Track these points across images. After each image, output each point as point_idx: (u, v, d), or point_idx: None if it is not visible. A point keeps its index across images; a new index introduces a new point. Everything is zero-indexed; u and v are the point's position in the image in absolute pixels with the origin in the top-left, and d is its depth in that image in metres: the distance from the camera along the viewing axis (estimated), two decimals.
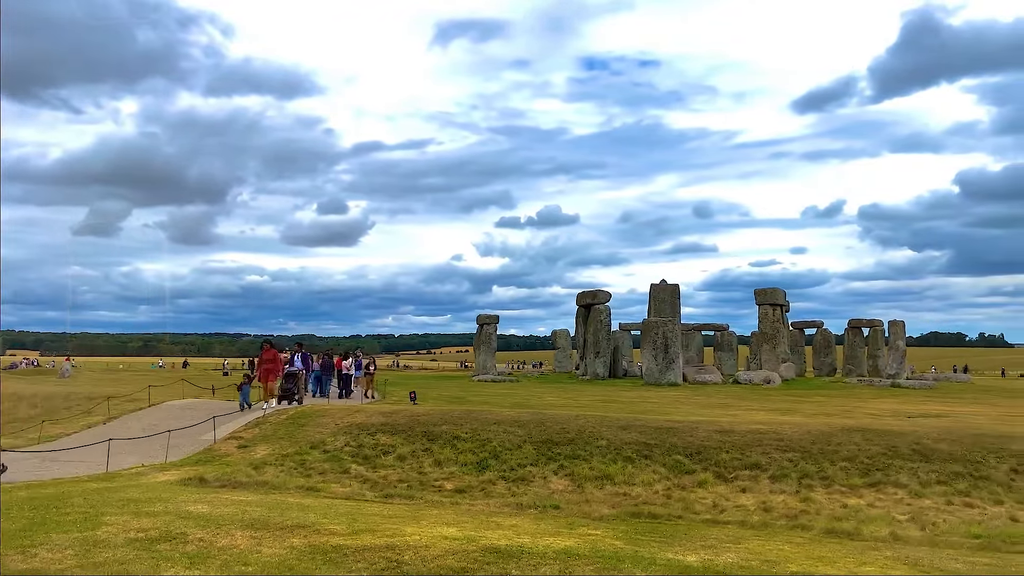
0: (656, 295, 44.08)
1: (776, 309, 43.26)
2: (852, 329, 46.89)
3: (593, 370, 44.88)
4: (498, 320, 46.54)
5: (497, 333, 48.77)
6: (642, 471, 13.34)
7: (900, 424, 16.49)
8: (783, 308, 44.74)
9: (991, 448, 13.87)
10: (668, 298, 43.96)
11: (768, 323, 43.00)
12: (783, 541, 8.71)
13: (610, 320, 45.07)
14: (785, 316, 46.48)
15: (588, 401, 26.17)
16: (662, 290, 44.08)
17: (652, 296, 44.20)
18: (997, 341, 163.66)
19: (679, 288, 44.28)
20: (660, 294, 44.02)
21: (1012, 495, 12.25)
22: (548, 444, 14.51)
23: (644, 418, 16.48)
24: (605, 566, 7.13)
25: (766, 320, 43.07)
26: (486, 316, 46.45)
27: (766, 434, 14.92)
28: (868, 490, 12.57)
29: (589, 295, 45.50)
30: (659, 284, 44.24)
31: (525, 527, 8.84)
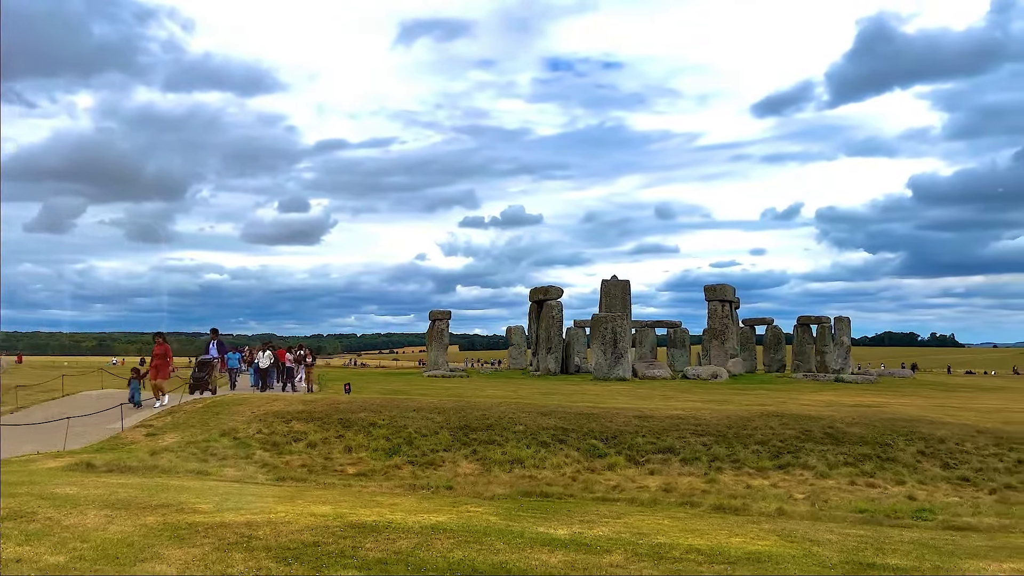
0: (607, 291, 44.17)
1: (725, 305, 43.60)
2: (801, 326, 47.45)
3: (545, 366, 44.81)
4: (450, 316, 46.25)
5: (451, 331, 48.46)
6: (555, 455, 13.23)
7: (817, 409, 16.63)
8: (732, 304, 45.10)
9: (901, 432, 14.03)
10: (619, 294, 44.06)
11: (717, 319, 43.32)
12: (666, 516, 8.65)
13: (562, 316, 45.00)
14: (735, 313, 46.87)
15: (527, 394, 26.03)
16: (613, 286, 44.18)
17: (603, 292, 44.29)
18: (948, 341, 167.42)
19: (630, 284, 44.42)
20: (611, 290, 44.12)
21: (915, 475, 12.39)
22: (465, 430, 14.34)
23: (566, 405, 16.41)
24: (466, 538, 6.98)
25: (715, 316, 43.38)
26: (438, 312, 46.13)
27: (685, 420, 14.92)
28: (776, 472, 12.61)
29: (541, 291, 45.42)
30: (610, 280, 44.34)
31: (405, 505, 8.66)
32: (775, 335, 49.86)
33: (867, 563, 6.63)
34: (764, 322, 50.88)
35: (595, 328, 39.87)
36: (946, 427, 14.29)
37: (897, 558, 6.89)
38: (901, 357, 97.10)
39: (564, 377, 41.69)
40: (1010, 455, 12.95)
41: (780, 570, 6.30)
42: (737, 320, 48.14)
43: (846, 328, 44.16)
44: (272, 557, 6.03)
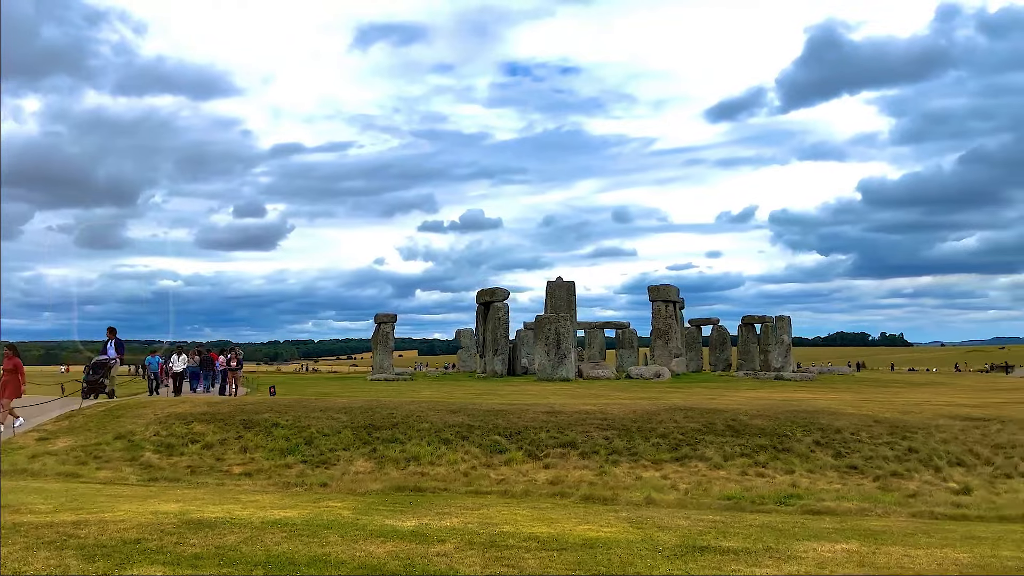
0: (552, 293, 44.24)
1: (669, 306, 43.94)
2: (745, 326, 48.03)
3: (492, 368, 44.71)
4: (395, 319, 45.89)
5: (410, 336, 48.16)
6: (455, 452, 13.12)
7: (724, 402, 16.77)
8: (676, 305, 45.47)
9: (801, 423, 14.18)
10: (564, 295, 44.16)
11: (661, 319, 43.64)
12: (528, 507, 8.61)
13: (508, 318, 44.94)
14: (680, 313, 47.28)
15: (462, 395, 25.87)
16: (558, 287, 44.27)
17: (549, 294, 44.35)
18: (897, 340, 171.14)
19: (575, 285, 44.55)
20: (556, 292, 44.19)
21: (806, 464, 12.52)
22: (369, 429, 14.17)
23: (477, 403, 16.32)
24: (303, 532, 6.85)
25: (659, 316, 43.70)
26: (383, 315, 45.77)
27: (592, 415, 14.92)
28: (672, 464, 12.66)
29: (487, 293, 45.32)
30: (555, 282, 44.42)
31: (265, 502, 8.49)
32: (720, 335, 50.42)
33: (701, 546, 6.64)
34: (710, 322, 51.43)
35: (538, 329, 39.90)
36: (846, 418, 14.50)
37: (734, 541, 6.92)
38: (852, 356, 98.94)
39: (509, 379, 41.62)
40: (902, 443, 13.18)
41: (608, 554, 6.27)
42: (682, 320, 48.55)
43: (786, 327, 44.79)
44: (79, 555, 5.83)
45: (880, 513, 9.33)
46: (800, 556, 6.34)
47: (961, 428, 13.84)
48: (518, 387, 32.37)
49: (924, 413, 15.14)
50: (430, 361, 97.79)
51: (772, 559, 6.21)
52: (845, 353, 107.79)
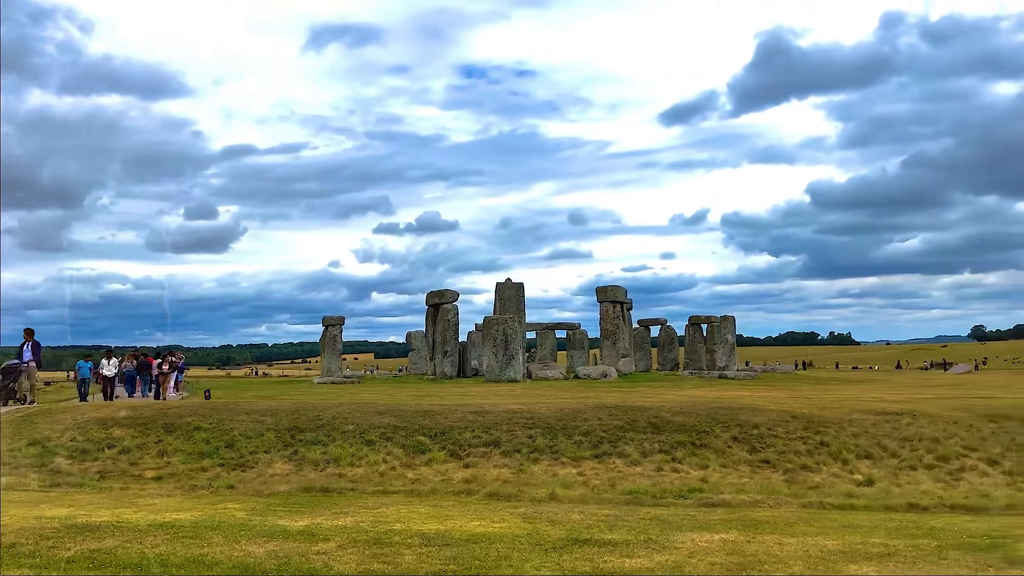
0: (501, 294, 44.34)
1: (616, 306, 44.38)
2: (692, 326, 48.71)
3: (441, 370, 44.64)
4: (343, 322, 45.50)
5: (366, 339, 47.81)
6: (377, 452, 13.12)
7: (651, 400, 17.05)
8: (624, 306, 45.96)
9: (721, 419, 14.48)
10: (513, 296, 44.30)
11: (609, 320, 44.06)
12: (428, 505, 8.69)
13: (458, 320, 44.90)
14: (628, 314, 47.78)
15: (405, 397, 25.76)
16: (507, 289, 44.39)
17: (498, 295, 44.45)
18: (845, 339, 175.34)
19: (524, 287, 44.72)
20: (505, 293, 44.31)
21: (721, 459, 12.80)
22: (293, 431, 14.09)
23: (406, 404, 16.33)
24: (187, 534, 6.83)
25: (607, 317, 44.12)
26: (331, 318, 45.37)
27: (519, 414, 15.04)
28: (591, 461, 12.84)
29: (437, 295, 45.25)
30: (504, 283, 44.55)
31: (161, 505, 8.42)
32: (668, 335, 51.04)
33: (583, 539, 6.79)
34: (658, 323, 52.03)
35: (486, 330, 39.97)
36: (765, 413, 14.85)
37: (618, 533, 7.08)
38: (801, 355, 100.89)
39: (458, 380, 41.61)
40: (815, 438, 13.55)
41: (488, 549, 6.37)
42: (630, 321, 49.05)
43: (731, 327, 45.54)
44: None
45: (772, 504, 9.62)
46: (676, 546, 6.52)
47: (873, 422, 14.29)
48: (464, 388, 32.37)
49: (841, 409, 15.57)
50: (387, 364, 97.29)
51: (646, 550, 6.37)
52: (795, 352, 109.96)
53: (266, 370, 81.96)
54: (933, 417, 14.66)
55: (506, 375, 38.88)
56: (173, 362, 26.63)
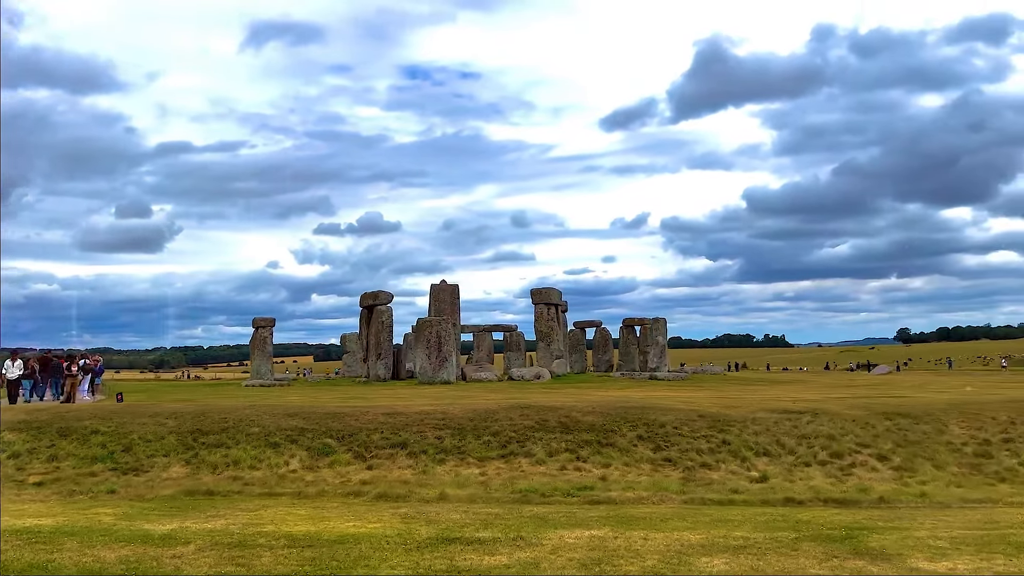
0: (436, 296, 44.16)
1: (551, 308, 44.64)
2: (626, 328, 49.33)
3: (375, 372, 44.21)
4: (274, 323, 44.62)
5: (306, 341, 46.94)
6: (280, 455, 12.91)
7: (565, 400, 17.18)
8: (559, 308, 46.26)
9: (631, 419, 14.68)
10: (448, 298, 44.16)
11: (543, 322, 44.29)
12: (311, 507, 8.60)
13: (392, 321, 44.54)
14: (563, 316, 48.11)
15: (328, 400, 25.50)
16: (442, 290, 44.24)
17: (433, 297, 44.25)
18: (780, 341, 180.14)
19: (459, 288, 44.62)
20: (440, 294, 44.14)
21: (624, 458, 12.97)
22: (196, 434, 13.76)
23: (317, 406, 16.12)
24: (42, 539, 6.61)
25: (541, 319, 44.34)
26: (261, 319, 44.49)
27: (431, 415, 14.99)
28: (497, 461, 12.87)
29: (371, 296, 44.80)
30: (439, 284, 44.39)
31: (30, 511, 8.15)
32: (603, 337, 51.54)
33: (454, 537, 6.79)
34: (594, 324, 52.50)
35: (419, 332, 39.77)
36: (673, 413, 15.11)
37: (491, 531, 7.10)
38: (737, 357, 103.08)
39: (392, 383, 41.27)
40: (718, 436, 13.84)
41: (350, 549, 6.33)
42: (565, 323, 49.39)
43: (662, 329, 46.26)
44: None
45: (656, 501, 9.80)
46: (542, 543, 6.57)
47: (775, 421, 14.67)
48: (393, 391, 32.13)
49: (748, 408, 15.95)
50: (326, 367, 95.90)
51: (511, 547, 6.41)
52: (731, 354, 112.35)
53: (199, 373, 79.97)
54: (833, 415, 15.13)
55: (439, 377, 38.73)
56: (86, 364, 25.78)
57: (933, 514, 8.42)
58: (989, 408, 15.65)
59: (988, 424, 14.56)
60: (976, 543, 6.40)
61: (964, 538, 6.63)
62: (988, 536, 6.69)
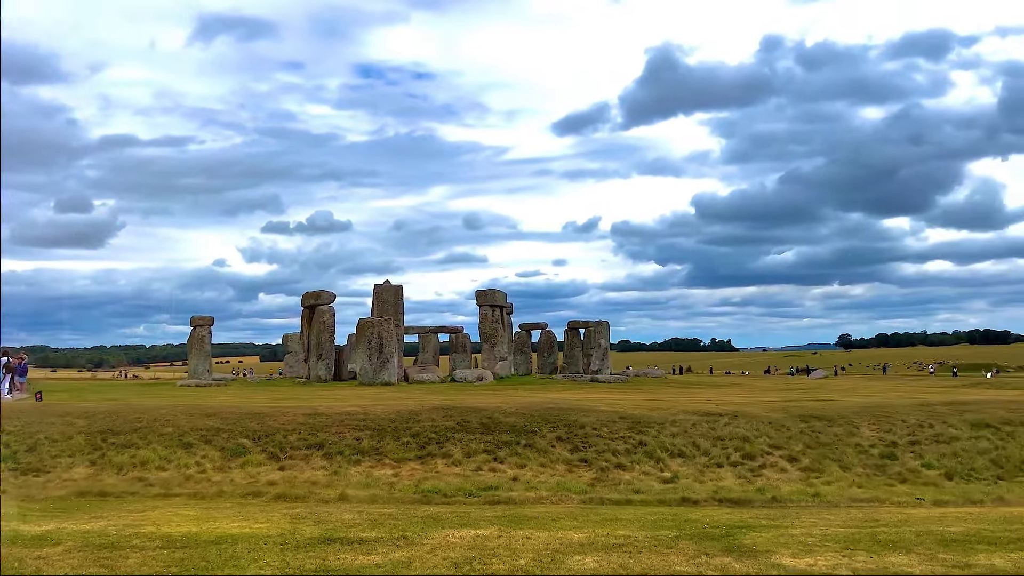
0: (379, 296, 43.84)
1: (496, 310, 44.69)
2: (571, 331, 49.66)
3: (316, 373, 43.67)
4: (212, 322, 43.90)
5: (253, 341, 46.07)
6: (192, 456, 12.67)
7: (488, 402, 17.22)
8: (504, 309, 46.34)
9: (552, 420, 14.77)
10: (391, 299, 43.87)
11: (488, 324, 44.31)
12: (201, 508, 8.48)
13: (334, 322, 44.09)
14: (508, 318, 48.20)
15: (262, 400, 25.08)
16: (385, 291, 43.94)
17: (376, 297, 43.91)
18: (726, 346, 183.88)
19: (403, 289, 44.38)
20: (383, 295, 43.84)
21: (542, 458, 13.05)
22: (106, 434, 13.42)
23: (237, 406, 15.87)
24: None
25: (486, 321, 44.35)
26: (199, 318, 43.65)
27: (353, 416, 14.87)
28: (413, 462, 12.82)
29: (312, 296, 44.25)
30: (382, 285, 44.10)
31: None
32: (548, 339, 51.80)
33: (336, 538, 6.75)
34: (539, 327, 52.74)
35: (360, 333, 39.43)
36: (595, 414, 15.25)
37: (377, 532, 7.08)
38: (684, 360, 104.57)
39: (332, 384, 40.81)
40: (635, 437, 14.02)
41: (224, 550, 6.25)
42: (510, 325, 49.50)
43: (605, 332, 46.77)
44: None
45: (556, 501, 9.89)
46: (423, 543, 6.57)
47: (694, 423, 14.92)
48: (331, 392, 31.78)
49: (670, 410, 16.19)
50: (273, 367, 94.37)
51: (389, 547, 6.39)
52: (678, 358, 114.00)
53: (139, 372, 78.00)
54: (751, 418, 15.45)
55: (380, 378, 38.44)
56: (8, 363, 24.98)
57: (819, 513, 8.66)
58: (901, 411, 16.16)
59: (897, 427, 15.03)
60: (845, 540, 6.60)
61: (836, 535, 6.83)
62: (859, 534, 6.91)
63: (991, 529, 7.02)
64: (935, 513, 8.44)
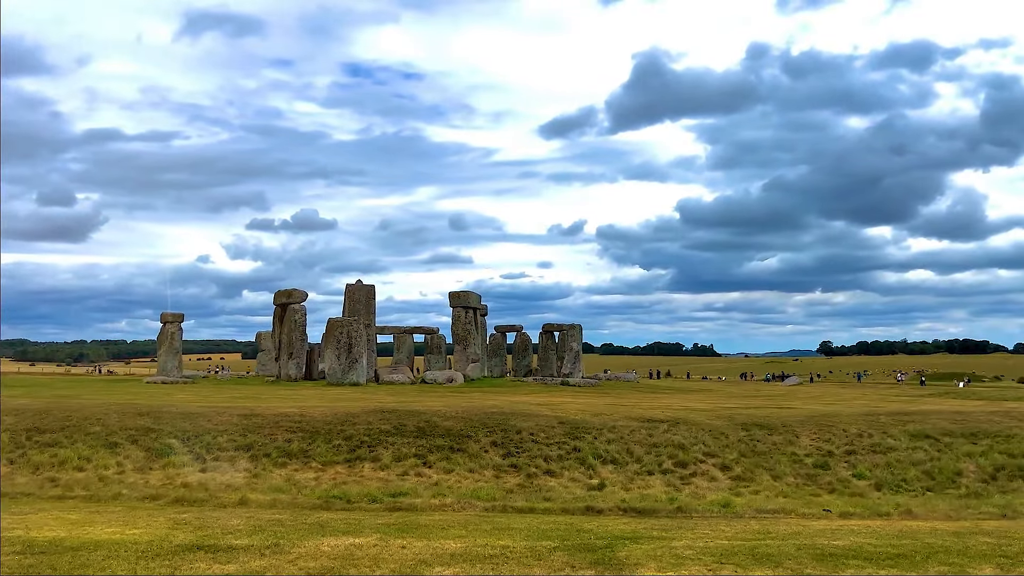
0: (351, 296, 43.63)
1: (469, 312, 44.54)
2: (546, 333, 49.58)
3: (286, 372, 43.45)
4: (183, 319, 43.60)
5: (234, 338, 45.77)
6: (115, 455, 12.52)
7: (429, 405, 17.10)
8: (477, 311, 46.21)
9: (491, 424, 14.66)
10: (363, 299, 43.68)
11: (460, 325, 44.16)
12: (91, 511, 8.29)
13: (305, 321, 43.88)
14: (482, 320, 48.07)
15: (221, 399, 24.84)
16: (357, 290, 43.74)
17: (347, 297, 43.70)
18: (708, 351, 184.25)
19: (375, 289, 44.21)
20: (356, 294, 43.63)
21: (471, 464, 12.95)
22: (32, 432, 13.25)
23: (174, 406, 15.70)
24: None
25: (458, 322, 44.20)
26: (170, 315, 43.36)
27: (290, 417, 14.73)
28: (339, 465, 12.70)
29: (284, 294, 44.02)
30: (354, 284, 43.89)
31: None
32: (523, 342, 51.68)
33: (206, 545, 6.63)
34: (514, 329, 52.62)
35: (329, 333, 39.22)
36: (534, 419, 15.16)
37: (251, 539, 6.96)
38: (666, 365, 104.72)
39: (302, 383, 40.59)
40: (571, 443, 13.93)
41: (84, 557, 6.12)
42: (484, 327, 49.40)
43: (577, 335, 46.69)
44: None
45: (458, 508, 9.78)
46: (290, 551, 6.44)
47: (632, 430, 14.83)
48: (293, 391, 31.57)
49: (611, 416, 16.11)
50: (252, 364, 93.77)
51: (255, 555, 6.27)
52: (660, 362, 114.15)
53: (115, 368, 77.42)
54: (692, 425, 15.39)
55: (348, 378, 38.23)
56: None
57: (717, 524, 8.57)
58: (844, 420, 16.14)
59: (837, 436, 15.00)
60: (721, 553, 6.51)
61: (716, 548, 6.74)
62: (742, 546, 6.82)
63: (875, 544, 6.95)
64: (832, 526, 8.37)
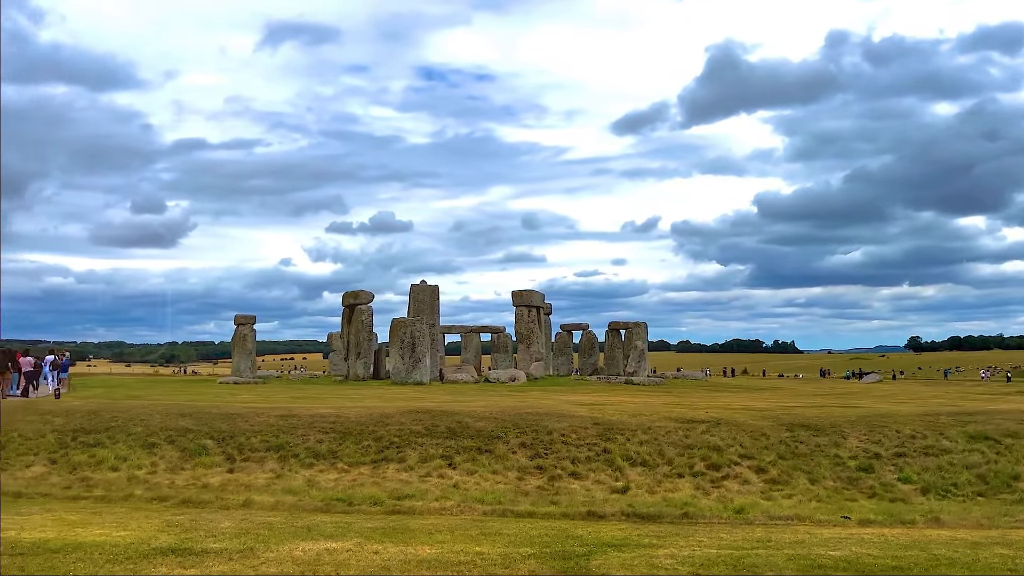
0: (416, 296, 44.14)
1: (532, 311, 44.41)
2: (612, 331, 48.96)
3: (355, 372, 44.32)
4: (255, 320, 44.91)
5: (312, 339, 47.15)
6: (151, 455, 12.92)
7: (460, 406, 16.98)
8: (540, 310, 46.01)
9: (521, 425, 14.47)
10: (427, 299, 44.12)
11: (523, 324, 44.08)
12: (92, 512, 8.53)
13: (372, 321, 44.66)
14: (544, 318, 47.85)
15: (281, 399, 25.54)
16: (421, 291, 44.21)
17: (412, 297, 44.22)
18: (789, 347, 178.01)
19: (439, 289, 44.60)
20: (419, 295, 44.12)
21: (495, 465, 12.79)
22: (78, 432, 13.83)
23: (210, 405, 16.12)
24: None
25: (521, 321, 44.13)
26: (243, 316, 44.79)
27: (325, 418, 14.91)
28: (366, 467, 12.75)
29: (352, 296, 44.92)
30: (419, 285, 44.38)
31: None
32: (589, 340, 51.19)
33: (185, 548, 6.70)
34: (580, 327, 52.19)
35: (393, 333, 39.76)
36: (567, 420, 14.88)
37: (232, 542, 7.01)
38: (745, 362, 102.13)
39: (369, 382, 41.32)
40: (602, 444, 13.60)
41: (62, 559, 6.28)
42: (549, 325, 49.19)
43: (642, 334, 45.84)
44: None
45: (456, 512, 9.61)
46: (263, 556, 6.44)
47: (668, 431, 14.38)
48: (356, 391, 32.12)
49: (650, 417, 15.67)
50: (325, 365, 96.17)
51: (224, 560, 6.29)
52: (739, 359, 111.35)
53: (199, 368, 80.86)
54: (732, 425, 14.81)
55: (412, 378, 38.67)
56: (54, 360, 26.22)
57: (717, 531, 8.12)
58: (898, 420, 15.23)
59: (888, 437, 14.16)
60: (703, 563, 6.14)
61: (700, 558, 6.37)
62: (728, 557, 6.42)
63: (876, 555, 6.43)
64: (843, 534, 7.80)
